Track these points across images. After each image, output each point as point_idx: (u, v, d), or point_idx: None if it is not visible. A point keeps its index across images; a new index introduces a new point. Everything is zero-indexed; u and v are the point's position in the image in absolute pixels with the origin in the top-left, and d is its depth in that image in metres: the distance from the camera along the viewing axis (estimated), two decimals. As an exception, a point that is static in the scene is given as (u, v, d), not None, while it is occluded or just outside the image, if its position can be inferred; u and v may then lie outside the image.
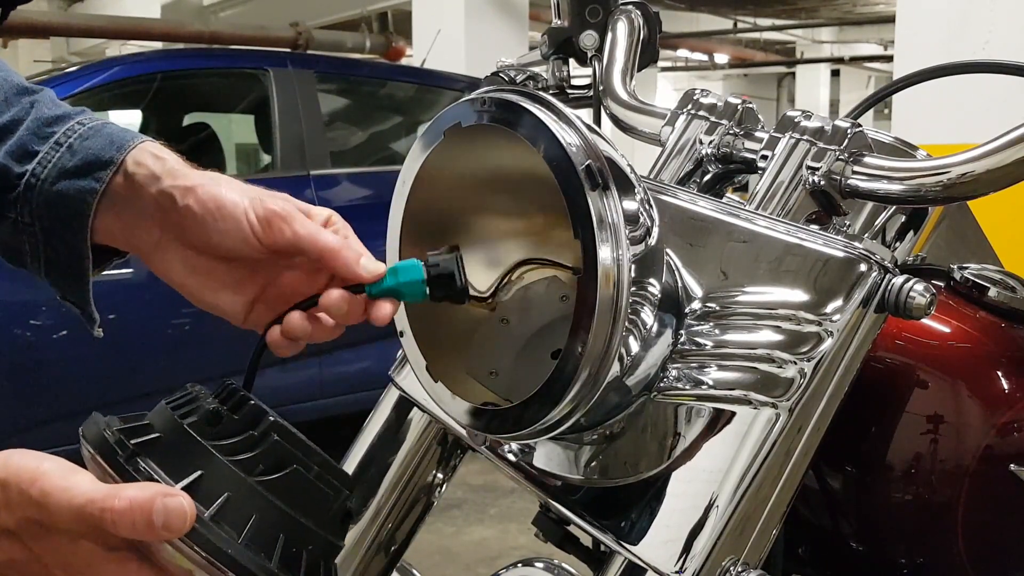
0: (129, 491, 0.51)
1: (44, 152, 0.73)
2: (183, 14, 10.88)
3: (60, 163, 0.73)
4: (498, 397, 0.70)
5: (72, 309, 0.79)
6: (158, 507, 0.50)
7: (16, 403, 3.16)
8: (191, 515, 0.51)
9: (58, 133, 0.74)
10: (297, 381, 3.67)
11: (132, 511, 0.50)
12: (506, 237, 0.72)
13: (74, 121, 0.75)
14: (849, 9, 12.87)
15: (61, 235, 0.73)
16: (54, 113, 0.76)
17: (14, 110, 0.76)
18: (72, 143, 0.73)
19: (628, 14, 1.05)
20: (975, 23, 3.17)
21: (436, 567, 3.02)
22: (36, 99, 0.77)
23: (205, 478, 0.53)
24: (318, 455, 0.57)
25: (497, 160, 0.69)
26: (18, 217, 0.74)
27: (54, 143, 0.74)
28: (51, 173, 0.73)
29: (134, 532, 0.50)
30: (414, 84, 4.81)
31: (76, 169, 0.72)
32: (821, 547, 0.89)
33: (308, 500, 0.56)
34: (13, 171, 0.73)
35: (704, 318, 0.70)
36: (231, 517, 0.53)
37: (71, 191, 0.72)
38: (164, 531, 0.50)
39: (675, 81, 18.50)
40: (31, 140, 0.74)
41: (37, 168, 0.73)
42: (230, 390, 0.58)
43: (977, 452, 0.77)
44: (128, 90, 3.85)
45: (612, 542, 0.68)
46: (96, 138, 0.73)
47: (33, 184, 0.73)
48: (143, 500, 0.50)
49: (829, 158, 0.76)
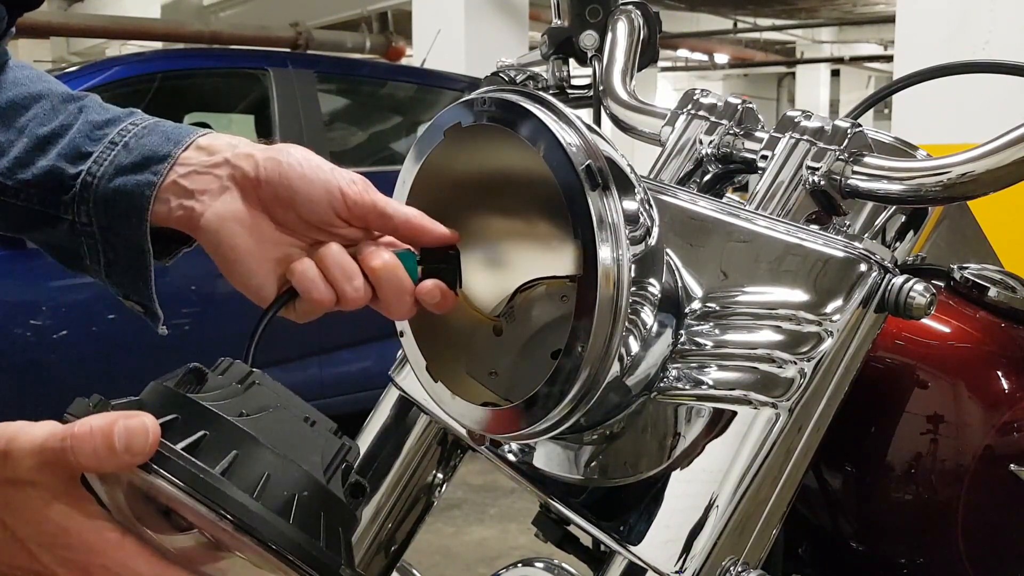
0: (91, 419, 0.49)
1: (99, 151, 0.73)
2: (183, 14, 10.89)
3: (116, 160, 0.72)
4: (498, 397, 0.70)
5: (134, 309, 0.77)
6: (119, 429, 0.48)
7: (15, 403, 3.16)
8: (153, 433, 0.48)
9: (112, 133, 0.74)
10: (297, 381, 3.67)
11: (92, 435, 0.48)
12: (506, 237, 0.72)
13: (127, 122, 0.75)
14: (849, 9, 12.87)
15: (119, 231, 0.72)
16: (104, 116, 0.76)
17: (62, 116, 0.76)
18: (128, 141, 0.73)
19: (628, 14, 1.05)
20: (975, 23, 3.17)
21: (436, 567, 3.02)
22: (84, 104, 0.77)
23: (180, 422, 0.50)
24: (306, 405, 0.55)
25: (497, 160, 0.69)
26: (75, 218, 0.73)
27: (109, 142, 0.73)
28: (107, 170, 0.72)
29: (96, 459, 0.48)
30: (414, 84, 4.81)
31: (133, 165, 0.72)
32: (821, 547, 0.89)
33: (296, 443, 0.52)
34: (67, 172, 0.73)
35: (704, 318, 0.70)
36: (208, 452, 0.49)
37: (128, 185, 0.71)
38: (126, 454, 0.48)
39: (675, 81, 18.50)
40: (84, 142, 0.74)
41: (93, 167, 0.73)
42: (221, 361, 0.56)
43: (977, 452, 0.77)
44: (128, 90, 3.84)
45: (612, 542, 0.68)
46: (152, 135, 0.73)
47: (89, 183, 0.72)
48: (103, 423, 0.48)
49: (829, 158, 0.76)
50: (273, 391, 0.55)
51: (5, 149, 0.76)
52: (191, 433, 0.50)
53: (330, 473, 0.53)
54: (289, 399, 0.55)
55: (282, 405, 0.54)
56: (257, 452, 0.50)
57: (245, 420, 0.51)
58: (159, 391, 0.53)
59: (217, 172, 0.71)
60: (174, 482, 0.47)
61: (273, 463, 0.50)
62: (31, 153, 0.75)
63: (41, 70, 0.83)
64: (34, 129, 0.76)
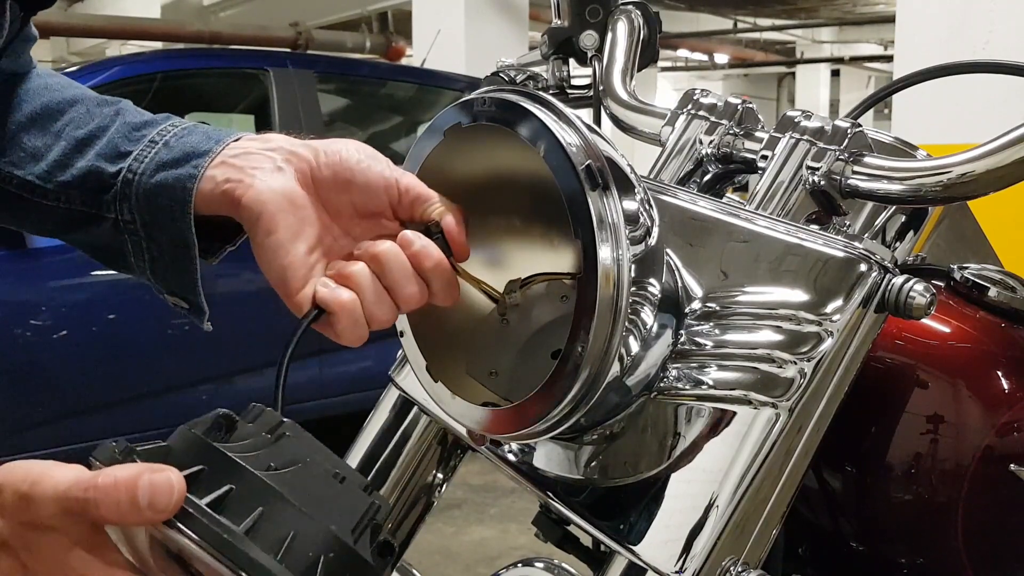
0: (116, 470, 0.48)
1: (139, 150, 0.73)
2: (183, 14, 10.89)
3: (157, 157, 0.72)
4: (498, 397, 0.70)
5: (178, 305, 0.76)
6: (143, 483, 0.46)
7: (15, 403, 3.16)
8: (179, 490, 0.47)
9: (151, 133, 0.74)
10: (297, 381, 3.67)
11: (116, 488, 0.47)
12: (506, 237, 0.72)
13: (167, 123, 0.75)
14: (849, 9, 12.88)
15: (163, 226, 0.71)
16: (142, 119, 0.76)
17: (98, 119, 0.76)
18: (168, 140, 0.73)
19: (628, 14, 1.05)
20: (975, 23, 3.17)
21: (436, 567, 3.02)
22: (120, 107, 0.77)
23: (207, 474, 0.49)
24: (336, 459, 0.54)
25: (497, 160, 0.69)
26: (118, 216, 0.73)
27: (149, 141, 0.73)
28: (148, 167, 0.72)
29: (119, 513, 0.47)
30: (414, 84, 4.81)
31: (174, 160, 0.71)
32: (821, 547, 0.89)
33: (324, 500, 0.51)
34: (107, 171, 0.73)
35: (704, 318, 0.70)
36: (235, 509, 0.48)
37: (170, 180, 0.70)
38: (149, 510, 0.46)
39: (675, 81, 18.50)
40: (123, 142, 0.74)
41: (133, 164, 0.72)
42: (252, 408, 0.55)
43: (977, 452, 0.77)
44: (128, 90, 3.84)
45: (612, 542, 0.68)
46: (192, 135, 0.73)
47: (130, 180, 0.72)
48: (128, 476, 0.47)
49: (829, 158, 0.76)
50: (303, 443, 0.53)
51: (43, 153, 0.76)
52: (217, 486, 0.49)
53: (358, 533, 0.52)
54: (319, 452, 0.53)
55: (312, 459, 0.52)
56: (283, 509, 0.49)
57: (273, 475, 0.50)
58: (187, 438, 0.51)
59: (271, 154, 0.69)
60: (196, 540, 0.47)
61: (299, 521, 0.49)
62: (69, 155, 0.75)
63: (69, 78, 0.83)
64: (71, 132, 0.76)
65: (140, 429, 3.25)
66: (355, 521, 0.52)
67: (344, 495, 0.52)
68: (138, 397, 3.36)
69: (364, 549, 0.51)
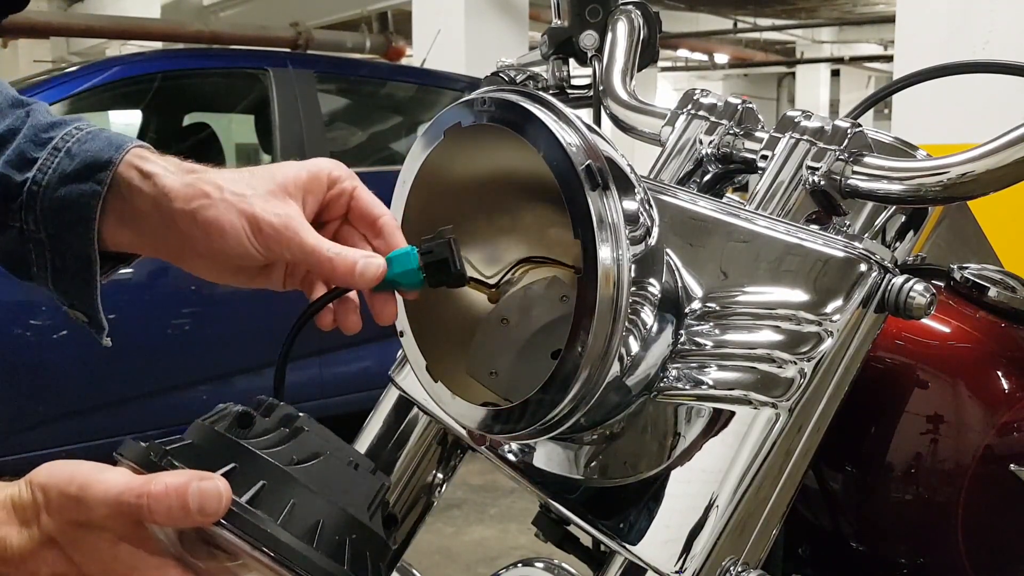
0: (165, 476, 0.51)
1: (43, 158, 0.73)
2: (183, 14, 10.89)
3: (60, 168, 0.73)
4: (498, 397, 0.70)
5: (79, 319, 0.78)
6: (193, 490, 0.50)
7: (16, 403, 3.16)
8: (226, 497, 0.51)
9: (56, 139, 0.74)
10: (297, 381, 3.67)
11: (168, 495, 0.50)
12: (506, 237, 0.72)
13: (71, 127, 0.75)
14: (849, 9, 12.88)
15: (68, 241, 0.72)
16: (49, 120, 0.75)
17: (9, 120, 0.75)
18: (70, 147, 0.73)
19: (628, 14, 1.05)
20: (975, 23, 3.17)
21: (436, 567, 3.02)
22: (31, 108, 0.77)
23: (239, 471, 0.53)
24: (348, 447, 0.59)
25: (497, 160, 0.69)
26: (23, 225, 0.73)
27: (52, 148, 0.73)
28: (52, 179, 0.72)
29: (170, 517, 0.50)
30: (414, 84, 4.81)
31: (76, 173, 0.72)
32: (821, 547, 0.89)
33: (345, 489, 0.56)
34: (14, 180, 0.73)
35: (704, 318, 0.70)
36: (268, 502, 0.53)
37: (74, 195, 0.71)
38: (199, 515, 0.50)
39: (675, 81, 18.50)
40: (29, 147, 0.74)
41: (37, 175, 0.73)
42: (260, 401, 0.59)
43: (977, 452, 0.77)
44: (128, 90, 3.85)
45: (612, 542, 0.68)
46: (94, 141, 0.73)
47: (35, 192, 0.72)
48: (178, 484, 0.50)
49: (829, 158, 0.76)
50: (319, 436, 0.58)
51: None
52: (250, 482, 0.53)
53: (371, 512, 0.58)
54: (334, 443, 0.58)
55: (329, 450, 0.57)
56: (311, 500, 0.54)
57: (298, 469, 0.55)
58: (209, 435, 0.56)
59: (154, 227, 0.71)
60: (244, 537, 0.51)
61: (325, 509, 0.55)
62: None
63: None
64: None
65: (140, 429, 3.25)
66: (368, 502, 0.58)
67: (358, 480, 0.58)
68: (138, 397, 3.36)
69: (377, 526, 0.58)
